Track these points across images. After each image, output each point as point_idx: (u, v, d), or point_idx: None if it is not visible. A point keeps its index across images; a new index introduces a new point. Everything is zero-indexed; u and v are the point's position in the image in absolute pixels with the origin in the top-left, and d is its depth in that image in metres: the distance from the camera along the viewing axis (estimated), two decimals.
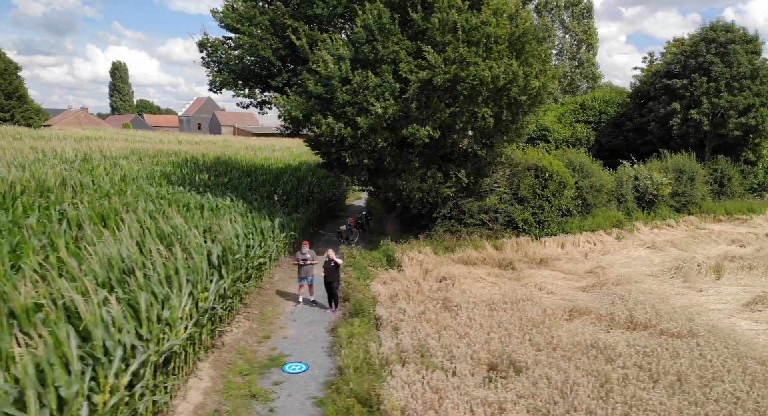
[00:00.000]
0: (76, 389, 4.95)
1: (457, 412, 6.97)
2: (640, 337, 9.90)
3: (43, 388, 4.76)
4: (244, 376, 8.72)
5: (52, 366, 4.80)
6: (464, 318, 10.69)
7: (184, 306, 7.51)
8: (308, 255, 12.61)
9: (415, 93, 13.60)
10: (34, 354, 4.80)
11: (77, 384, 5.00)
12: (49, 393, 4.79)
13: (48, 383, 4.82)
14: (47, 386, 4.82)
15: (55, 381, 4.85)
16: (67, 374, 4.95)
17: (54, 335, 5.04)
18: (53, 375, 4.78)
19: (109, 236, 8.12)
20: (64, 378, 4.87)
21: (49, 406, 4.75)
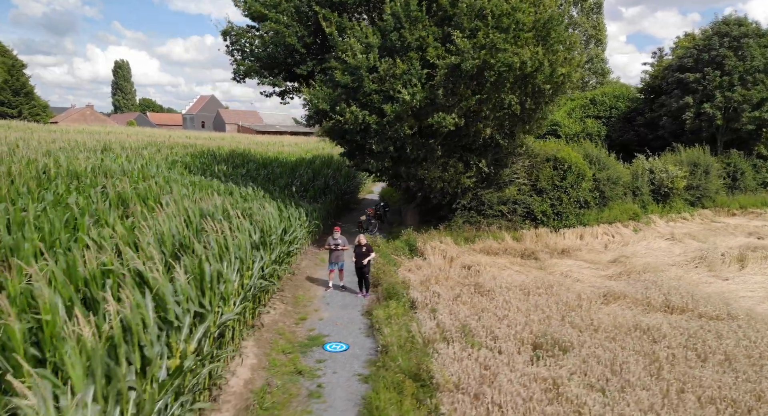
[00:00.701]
0: (158, 350, 4.91)
1: (512, 387, 6.92)
2: (680, 320, 9.84)
3: (129, 347, 4.72)
4: (287, 354, 8.68)
5: (137, 327, 4.76)
6: (500, 301, 10.64)
7: (235, 281, 7.47)
8: (340, 241, 12.57)
9: (442, 79, 13.55)
10: (124, 314, 4.76)
11: (158, 346, 4.96)
12: (134, 352, 4.75)
13: (133, 342, 4.78)
14: (132, 345, 4.77)
15: (141, 340, 4.81)
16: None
17: (134, 297, 4.99)
18: (139, 335, 4.74)
19: (160, 213, 8.08)
20: (148, 339, 4.83)
21: (135, 365, 4.70)
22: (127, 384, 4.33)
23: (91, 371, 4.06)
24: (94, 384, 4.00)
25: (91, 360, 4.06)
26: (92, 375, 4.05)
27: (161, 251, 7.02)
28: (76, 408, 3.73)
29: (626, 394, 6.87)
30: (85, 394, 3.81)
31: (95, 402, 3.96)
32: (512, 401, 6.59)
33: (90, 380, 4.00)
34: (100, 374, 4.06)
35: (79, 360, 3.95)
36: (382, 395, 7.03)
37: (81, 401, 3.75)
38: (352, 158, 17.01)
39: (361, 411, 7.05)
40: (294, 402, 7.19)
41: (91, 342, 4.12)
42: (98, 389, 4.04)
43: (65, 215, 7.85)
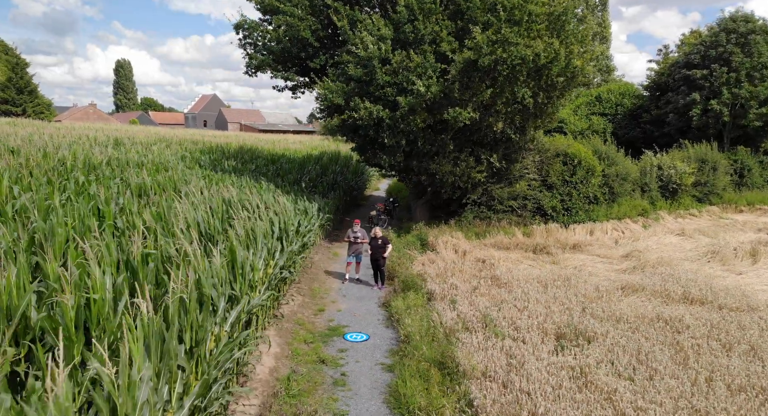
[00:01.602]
0: (208, 330, 4.89)
1: (540, 375, 6.90)
2: (700, 311, 9.82)
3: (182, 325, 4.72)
4: (309, 344, 8.67)
5: (193, 305, 4.74)
6: (519, 293, 10.62)
7: (261, 269, 7.45)
8: (359, 234, 12.55)
9: (457, 74, 13.51)
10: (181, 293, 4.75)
11: (209, 326, 4.94)
12: (187, 332, 4.73)
13: (188, 321, 4.77)
14: (186, 324, 4.76)
15: (196, 320, 4.80)
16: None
17: (187, 279, 4.98)
18: (193, 314, 4.73)
19: (183, 202, 8.06)
20: (206, 319, 4.82)
21: (186, 345, 4.69)
22: (177, 363, 4.31)
23: (147, 347, 4.05)
24: (149, 361, 3.98)
25: (147, 337, 4.05)
26: (148, 351, 4.04)
27: (192, 238, 6.98)
28: (140, 382, 3.71)
29: (655, 382, 6.84)
30: (146, 371, 3.79)
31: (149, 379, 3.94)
32: (541, 389, 6.56)
33: (146, 357, 3.98)
34: (154, 351, 4.04)
35: (140, 335, 3.93)
36: (408, 382, 7.01)
37: (144, 377, 3.73)
38: (363, 152, 16.98)
39: (387, 398, 7.03)
40: (320, 390, 7.17)
41: (149, 319, 4.11)
42: (154, 366, 4.02)
43: (90, 204, 7.83)
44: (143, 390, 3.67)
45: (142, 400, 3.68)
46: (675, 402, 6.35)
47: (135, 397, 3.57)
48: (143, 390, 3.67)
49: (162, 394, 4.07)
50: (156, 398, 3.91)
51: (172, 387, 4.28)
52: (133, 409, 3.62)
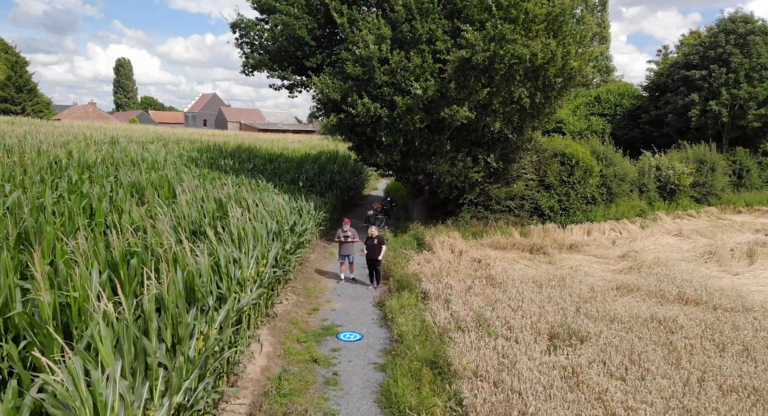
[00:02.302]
0: (191, 329, 4.87)
1: (531, 375, 6.87)
2: (695, 312, 9.79)
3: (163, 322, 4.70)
4: (302, 343, 8.64)
5: (172, 303, 4.72)
6: (513, 292, 10.59)
7: (251, 268, 7.43)
8: (350, 233, 12.52)
9: (453, 72, 13.49)
10: (159, 291, 4.73)
11: (191, 323, 4.92)
12: (167, 329, 4.71)
13: (167, 318, 4.75)
14: (166, 321, 4.74)
15: (176, 317, 4.78)
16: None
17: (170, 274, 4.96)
18: (172, 312, 4.71)
19: (180, 196, 8.03)
20: (184, 316, 4.80)
21: (167, 342, 4.67)
22: (157, 360, 4.29)
23: (119, 346, 4.02)
24: (122, 359, 3.95)
25: (119, 335, 4.02)
26: (120, 350, 4.01)
27: (181, 237, 6.96)
28: (107, 382, 3.68)
29: (647, 382, 6.82)
30: (114, 369, 3.77)
31: (123, 377, 3.91)
32: (532, 388, 6.54)
33: (118, 355, 3.95)
34: (127, 349, 4.02)
35: (109, 334, 3.91)
36: (399, 382, 6.99)
37: (111, 375, 3.71)
38: (360, 151, 16.96)
39: (378, 398, 7.01)
40: (311, 389, 7.15)
41: (119, 318, 4.08)
42: (126, 365, 4.00)
43: (82, 202, 7.82)
44: (111, 388, 3.64)
45: (112, 399, 3.65)
46: (666, 402, 6.33)
47: (101, 396, 3.54)
48: (111, 388, 3.64)
49: (140, 393, 4.04)
50: (132, 396, 3.88)
51: (153, 385, 4.26)
52: (104, 409, 3.59)
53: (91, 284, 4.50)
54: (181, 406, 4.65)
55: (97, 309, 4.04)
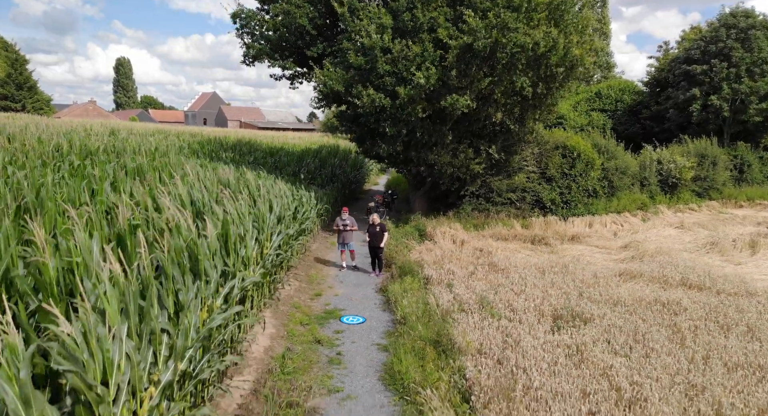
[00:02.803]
0: (192, 296, 4.84)
1: (535, 352, 6.84)
2: (699, 296, 9.76)
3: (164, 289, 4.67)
4: (305, 325, 8.62)
5: (171, 270, 4.69)
6: (516, 278, 10.56)
7: (255, 248, 7.40)
8: (348, 221, 12.50)
9: (454, 60, 13.46)
10: (159, 257, 4.70)
11: (193, 291, 4.89)
12: (168, 297, 4.68)
13: (168, 287, 4.72)
14: (167, 289, 4.71)
15: (176, 283, 4.75)
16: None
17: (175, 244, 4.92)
18: (173, 278, 4.68)
19: (177, 180, 8.01)
20: (187, 283, 4.76)
21: (168, 309, 4.64)
22: (160, 326, 4.26)
23: (124, 308, 3.99)
24: (128, 321, 3.92)
25: (124, 297, 4.00)
26: (126, 312, 3.98)
27: (185, 215, 6.91)
28: (113, 340, 3.65)
29: (651, 360, 6.79)
30: (120, 329, 3.74)
31: (129, 338, 3.88)
32: (536, 365, 6.51)
33: (124, 317, 3.92)
34: (133, 311, 3.99)
35: (115, 293, 3.88)
36: (403, 360, 6.96)
37: (117, 335, 3.68)
38: (362, 143, 16.92)
39: (382, 376, 6.98)
40: (315, 368, 7.12)
41: (124, 281, 4.05)
42: (132, 326, 3.97)
43: (83, 182, 7.79)
44: (118, 347, 3.62)
45: (119, 357, 3.62)
46: (671, 378, 6.30)
47: (108, 352, 3.51)
48: (118, 347, 3.62)
49: (146, 355, 4.01)
50: (139, 357, 3.86)
51: (157, 350, 4.24)
52: (110, 366, 3.56)
53: (91, 252, 4.46)
54: (186, 374, 4.62)
55: (101, 271, 4.02)
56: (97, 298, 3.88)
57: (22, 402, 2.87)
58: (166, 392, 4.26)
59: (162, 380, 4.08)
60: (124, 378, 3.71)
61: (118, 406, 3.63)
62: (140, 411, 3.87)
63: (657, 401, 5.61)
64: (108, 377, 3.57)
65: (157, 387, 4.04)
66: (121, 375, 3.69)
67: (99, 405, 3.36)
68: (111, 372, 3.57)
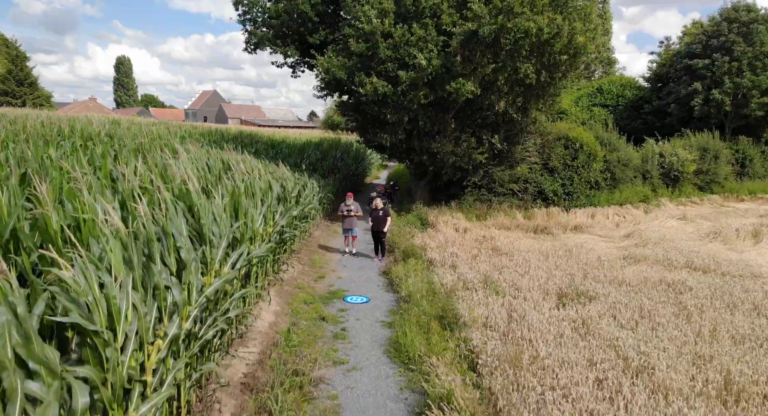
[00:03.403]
0: (194, 256, 4.79)
1: (541, 326, 6.81)
2: (704, 277, 9.72)
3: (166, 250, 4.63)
4: (309, 304, 8.58)
5: (170, 227, 4.65)
6: (520, 260, 10.54)
7: (260, 224, 7.37)
8: (352, 207, 12.46)
9: (458, 46, 13.43)
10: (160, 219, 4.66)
11: (195, 252, 4.84)
12: (170, 256, 4.64)
13: (168, 245, 4.68)
14: (168, 248, 4.68)
15: (177, 242, 4.71)
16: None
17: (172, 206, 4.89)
18: (174, 238, 4.64)
19: (182, 154, 7.99)
20: (187, 243, 4.72)
21: (170, 267, 4.59)
22: (163, 282, 4.22)
23: (128, 260, 3.95)
24: (132, 273, 3.88)
25: (127, 250, 3.96)
26: (129, 264, 3.94)
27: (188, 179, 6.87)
28: (120, 289, 3.61)
29: (658, 332, 6.75)
30: (126, 280, 3.70)
31: (135, 289, 3.85)
32: (543, 337, 6.47)
33: (128, 269, 3.88)
34: (136, 263, 3.95)
35: (118, 245, 3.84)
36: (408, 334, 6.92)
37: (123, 285, 3.64)
38: (364, 132, 16.88)
39: (387, 349, 6.95)
40: (320, 342, 7.08)
41: (126, 235, 4.02)
42: (137, 278, 3.93)
43: (86, 157, 7.76)
44: (125, 297, 3.58)
45: (126, 307, 3.59)
46: (678, 349, 6.26)
47: (115, 299, 3.47)
48: (125, 297, 3.58)
49: (152, 308, 3.97)
50: (145, 308, 3.82)
51: (162, 305, 4.19)
52: (117, 314, 3.52)
53: (95, 211, 4.43)
54: (191, 334, 4.58)
55: (104, 226, 3.99)
56: (102, 251, 3.84)
57: (24, 338, 2.83)
58: (173, 348, 4.22)
59: (169, 333, 4.04)
60: (132, 328, 3.67)
61: (126, 354, 3.59)
62: (148, 364, 3.84)
63: (665, 368, 5.57)
64: (116, 324, 3.54)
65: (165, 340, 3.99)
66: (128, 325, 3.65)
67: (106, 349, 3.32)
68: (118, 319, 3.54)
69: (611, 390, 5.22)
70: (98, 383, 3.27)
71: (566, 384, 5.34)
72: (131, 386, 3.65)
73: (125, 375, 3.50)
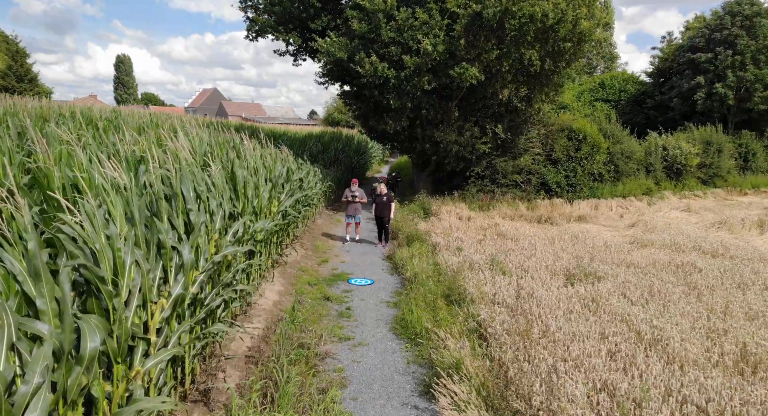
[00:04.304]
0: (204, 219, 4.65)
1: (550, 302, 6.68)
2: (713, 260, 9.60)
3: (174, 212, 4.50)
4: (313, 285, 8.46)
5: (178, 190, 4.53)
6: (526, 244, 10.41)
7: (265, 198, 7.24)
8: (357, 193, 12.34)
9: (462, 30, 13.28)
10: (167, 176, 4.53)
11: (204, 215, 4.71)
12: (177, 218, 4.51)
13: (178, 208, 4.55)
14: (177, 210, 4.54)
15: (187, 204, 4.58)
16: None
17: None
18: (185, 199, 4.51)
19: (181, 136, 7.86)
20: (197, 206, 4.59)
21: (178, 230, 4.46)
22: (170, 242, 4.09)
23: (130, 217, 3.82)
24: (134, 229, 3.75)
25: (129, 204, 3.83)
26: (132, 221, 3.81)
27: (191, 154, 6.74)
28: (125, 242, 3.48)
29: (670, 309, 6.63)
30: (129, 235, 3.56)
31: (137, 246, 3.72)
32: (552, 313, 6.35)
33: (130, 225, 3.75)
34: (138, 219, 3.82)
35: (119, 200, 3.71)
36: (414, 311, 6.79)
37: (127, 239, 3.51)
38: (367, 120, 16.73)
39: (393, 326, 6.82)
40: (324, 320, 6.96)
41: (127, 191, 3.89)
42: (139, 234, 3.79)
43: (88, 132, 7.64)
44: (129, 251, 3.45)
45: (130, 261, 3.46)
46: (692, 323, 6.14)
47: (120, 251, 3.35)
48: (129, 251, 3.45)
49: (155, 266, 3.84)
50: (148, 266, 3.68)
51: (167, 265, 4.07)
52: (122, 268, 3.39)
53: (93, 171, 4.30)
54: (197, 299, 4.45)
55: (105, 181, 3.87)
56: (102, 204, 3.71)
57: (32, 276, 2.70)
58: (178, 310, 4.09)
59: (173, 293, 3.90)
60: (135, 284, 3.54)
61: (130, 311, 3.46)
62: (151, 323, 3.71)
63: (679, 341, 5.44)
64: (120, 278, 3.41)
65: (168, 300, 3.86)
66: (131, 281, 3.52)
67: (112, 299, 3.19)
68: (123, 273, 3.41)
69: (625, 361, 5.10)
70: (105, 333, 3.14)
71: (578, 355, 5.22)
72: (135, 343, 3.53)
73: (129, 330, 3.37)
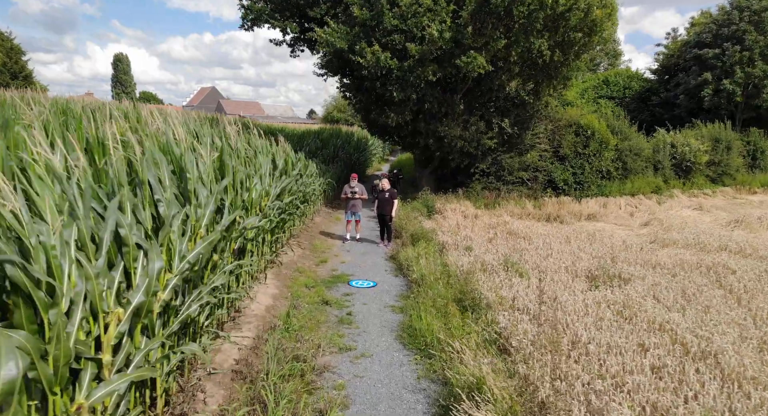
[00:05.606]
0: (174, 212, 3.90)
1: (577, 307, 5.95)
2: (744, 261, 8.88)
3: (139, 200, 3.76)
4: (311, 288, 7.71)
5: (144, 177, 3.79)
6: (540, 243, 9.68)
7: (259, 191, 6.51)
8: (357, 189, 11.62)
9: (469, 17, 12.55)
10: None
11: (177, 208, 3.96)
12: (144, 210, 3.77)
13: (144, 197, 3.80)
14: (144, 199, 3.80)
15: (155, 194, 3.84)
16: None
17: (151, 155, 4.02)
18: (152, 189, 3.78)
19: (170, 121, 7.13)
20: (167, 196, 3.85)
21: (145, 224, 3.71)
22: (134, 238, 3.35)
23: (72, 211, 3.07)
24: (75, 222, 3.00)
25: (65, 191, 3.09)
26: (74, 215, 3.05)
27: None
28: (60, 240, 2.74)
29: (711, 316, 5.90)
30: (66, 233, 2.81)
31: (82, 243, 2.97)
32: (581, 320, 5.61)
33: (71, 219, 3.00)
34: (82, 213, 3.05)
35: (46, 187, 2.97)
36: (424, 318, 6.06)
37: (62, 236, 2.76)
38: (368, 113, 15.97)
39: (399, 335, 6.08)
40: (323, 328, 6.21)
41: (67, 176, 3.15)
42: (84, 230, 3.04)
43: (60, 119, 6.90)
44: (67, 252, 2.70)
45: (69, 262, 2.71)
46: (739, 332, 5.41)
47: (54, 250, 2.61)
48: (67, 252, 2.70)
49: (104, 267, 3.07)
50: (95, 269, 2.93)
51: (131, 267, 3.32)
52: (58, 271, 2.65)
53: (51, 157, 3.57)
54: (170, 307, 3.72)
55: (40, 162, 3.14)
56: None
57: None
58: (144, 320, 3.34)
59: (132, 301, 3.16)
60: (79, 291, 2.80)
61: (73, 324, 2.72)
62: (105, 338, 2.97)
63: (733, 355, 4.71)
64: (58, 282, 2.67)
65: (127, 309, 3.12)
66: (73, 287, 2.78)
67: (48, 310, 2.45)
68: (60, 277, 2.67)
69: (673, 378, 4.37)
70: (34, 355, 2.40)
71: (617, 371, 4.49)
72: (81, 366, 2.79)
73: (72, 349, 2.64)
